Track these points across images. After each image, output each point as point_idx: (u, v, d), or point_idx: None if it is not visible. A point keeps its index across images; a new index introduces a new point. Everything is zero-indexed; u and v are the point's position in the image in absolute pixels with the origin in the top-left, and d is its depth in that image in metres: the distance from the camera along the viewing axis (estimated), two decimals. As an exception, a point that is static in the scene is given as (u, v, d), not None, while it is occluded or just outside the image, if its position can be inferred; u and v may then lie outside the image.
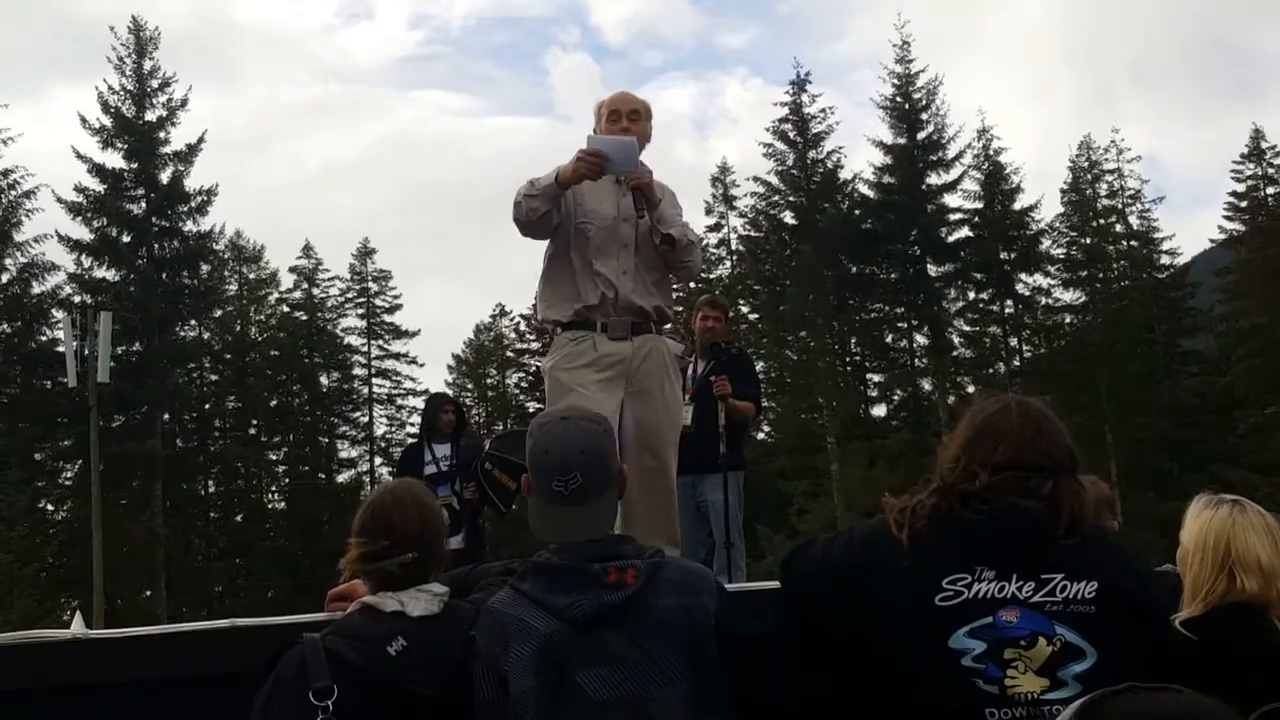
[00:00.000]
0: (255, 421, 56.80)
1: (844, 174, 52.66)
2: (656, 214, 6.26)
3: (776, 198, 52.91)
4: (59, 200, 47.33)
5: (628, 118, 6.39)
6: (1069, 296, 54.03)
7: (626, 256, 6.26)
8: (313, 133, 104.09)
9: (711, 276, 58.24)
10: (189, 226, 49.49)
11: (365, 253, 59.39)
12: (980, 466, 3.20)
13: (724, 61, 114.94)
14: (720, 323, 9.79)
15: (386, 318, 59.64)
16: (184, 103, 49.16)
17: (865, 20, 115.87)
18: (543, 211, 6.07)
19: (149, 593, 46.77)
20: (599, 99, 6.59)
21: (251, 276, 59.13)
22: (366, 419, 59.23)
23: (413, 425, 50.61)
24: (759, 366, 39.15)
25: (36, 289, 47.73)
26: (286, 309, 59.46)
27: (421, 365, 60.42)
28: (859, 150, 51.57)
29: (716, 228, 58.42)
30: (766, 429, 52.20)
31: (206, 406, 55.08)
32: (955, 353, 53.41)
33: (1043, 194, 54.19)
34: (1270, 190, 53.02)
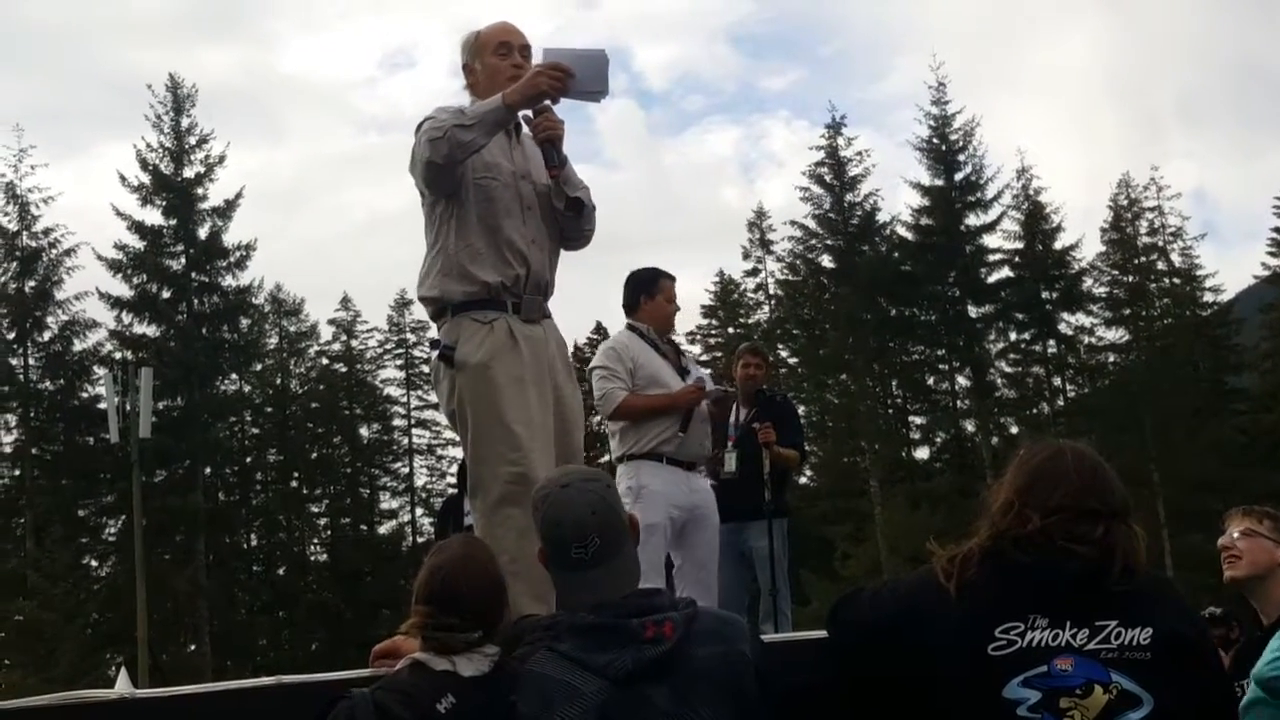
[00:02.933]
0: (296, 474, 56.89)
1: (882, 216, 52.65)
2: (563, 174, 5.29)
3: (814, 241, 52.85)
4: (99, 258, 47.86)
5: (520, 52, 5.32)
6: (1112, 335, 53.73)
7: (533, 221, 5.26)
8: (355, 184, 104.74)
9: (750, 321, 58.27)
10: (228, 281, 49.86)
11: (402, 304, 59.55)
12: (1035, 511, 3.16)
13: (766, 104, 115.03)
14: (761, 369, 9.83)
15: (425, 368, 59.69)
16: (221, 159, 49.55)
17: (908, 60, 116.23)
18: (478, 146, 5.00)
19: (193, 647, 46.88)
20: (473, 30, 5.46)
21: (291, 330, 59.34)
22: (407, 470, 59.27)
23: (453, 475, 50.65)
24: (800, 411, 39.20)
25: (78, 346, 48.27)
26: (326, 361, 59.67)
27: (461, 415, 60.43)
28: (902, 191, 52.12)
29: (754, 272, 58.49)
30: (809, 473, 52.00)
31: (248, 460, 55.19)
32: (998, 394, 53.10)
33: (1084, 233, 53.89)
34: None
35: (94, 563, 48.44)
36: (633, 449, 7.64)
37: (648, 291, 7.93)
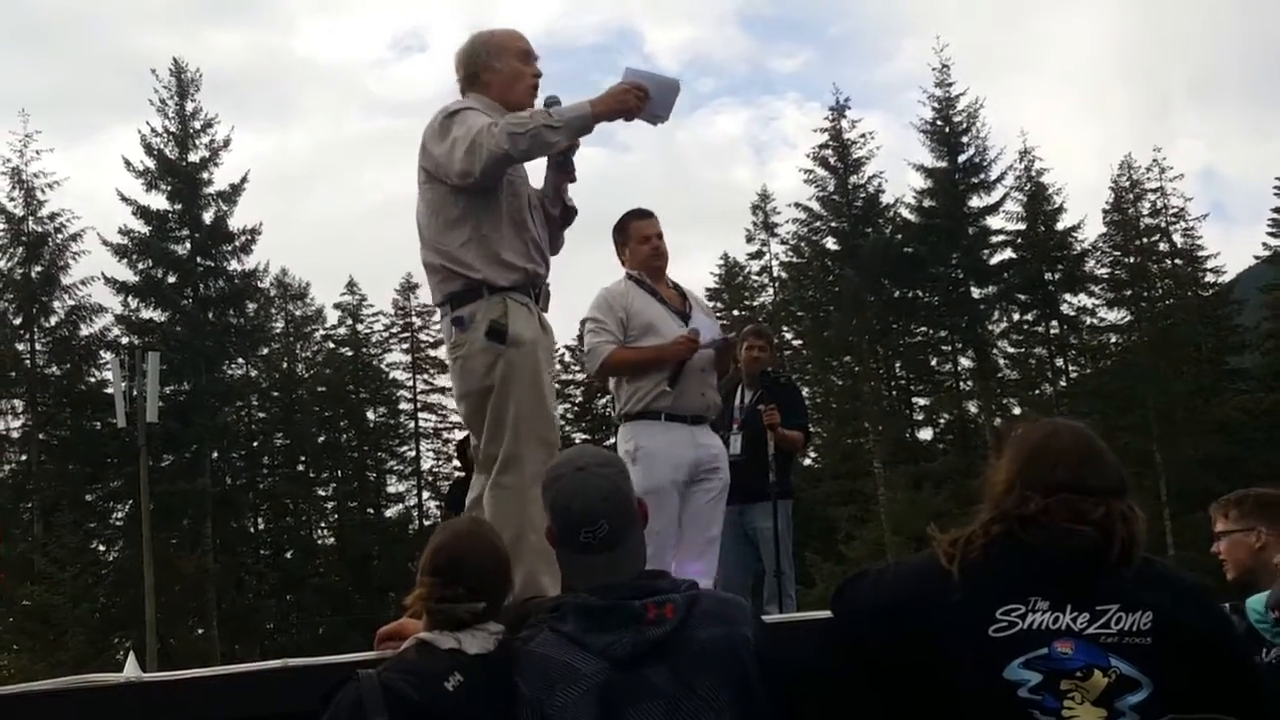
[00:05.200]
0: (303, 458, 57.01)
1: (886, 198, 52.71)
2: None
3: (818, 224, 52.91)
4: (105, 243, 48.01)
5: (537, 63, 5.50)
6: (1114, 316, 53.78)
7: (538, 221, 5.43)
8: (365, 167, 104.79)
9: (755, 304, 58.27)
10: (233, 266, 50.03)
11: (408, 287, 59.58)
12: (1035, 490, 3.19)
13: (776, 86, 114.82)
14: (766, 352, 9.74)
15: (431, 352, 59.80)
16: (226, 143, 49.66)
17: (915, 41, 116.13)
18: (560, 149, 5.21)
19: (201, 631, 47.01)
20: (487, 30, 5.54)
21: (297, 314, 59.48)
22: (413, 453, 59.38)
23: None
24: (804, 392, 39.19)
25: (84, 331, 48.46)
26: (332, 345, 59.74)
27: (467, 398, 60.43)
28: (907, 173, 52.08)
29: (758, 255, 58.51)
30: (812, 455, 52.06)
31: (255, 444, 55.27)
32: (1000, 375, 53.19)
33: (1086, 214, 53.93)
34: (1315, 206, 52.65)
35: (102, 547, 48.57)
36: (628, 407, 7.12)
37: (620, 238, 7.38)
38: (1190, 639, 3.07)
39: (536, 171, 5.56)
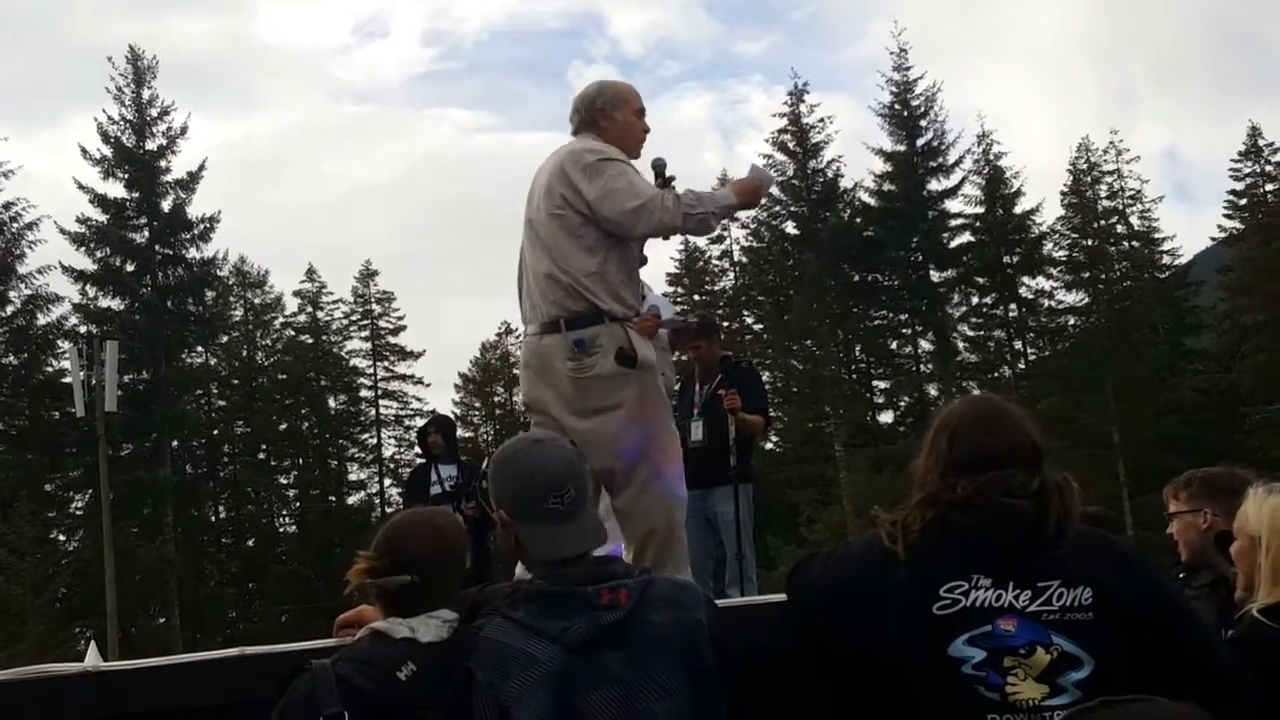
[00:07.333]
0: (264, 446, 56.81)
1: (845, 182, 52.71)
2: None
3: (778, 208, 52.84)
4: (62, 231, 47.44)
5: (645, 118, 6.14)
6: (1072, 298, 53.95)
7: None
8: (326, 154, 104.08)
9: (715, 289, 58.29)
10: (192, 254, 49.64)
11: (368, 275, 59.46)
12: (948, 467, 3.26)
13: (741, 69, 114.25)
14: (699, 349, 9.68)
15: (391, 339, 59.68)
16: (184, 130, 49.28)
17: (881, 24, 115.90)
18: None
19: (163, 620, 46.78)
20: (608, 81, 6.17)
21: (256, 301, 59.20)
22: (375, 441, 59.25)
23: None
24: (764, 377, 39.15)
25: (41, 320, 47.85)
26: (292, 333, 59.47)
27: (428, 386, 60.29)
28: (866, 156, 51.99)
29: (719, 239, 58.48)
30: (774, 439, 52.12)
31: (215, 432, 55.04)
32: (960, 357, 53.38)
33: (1044, 197, 54.16)
34: (1269, 187, 52.90)
35: (62, 537, 48.18)
36: None
37: None
38: (1130, 612, 3.13)
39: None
